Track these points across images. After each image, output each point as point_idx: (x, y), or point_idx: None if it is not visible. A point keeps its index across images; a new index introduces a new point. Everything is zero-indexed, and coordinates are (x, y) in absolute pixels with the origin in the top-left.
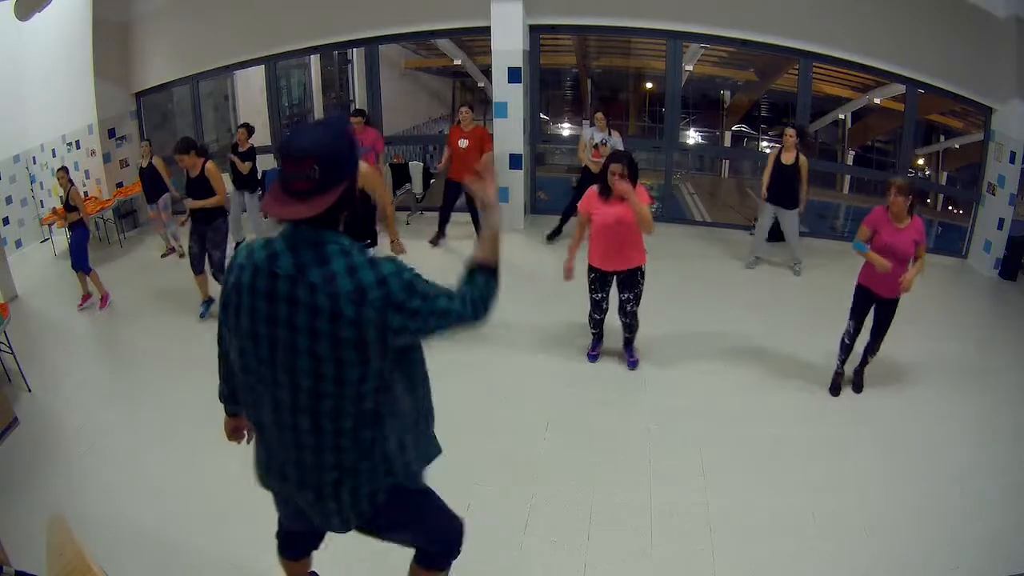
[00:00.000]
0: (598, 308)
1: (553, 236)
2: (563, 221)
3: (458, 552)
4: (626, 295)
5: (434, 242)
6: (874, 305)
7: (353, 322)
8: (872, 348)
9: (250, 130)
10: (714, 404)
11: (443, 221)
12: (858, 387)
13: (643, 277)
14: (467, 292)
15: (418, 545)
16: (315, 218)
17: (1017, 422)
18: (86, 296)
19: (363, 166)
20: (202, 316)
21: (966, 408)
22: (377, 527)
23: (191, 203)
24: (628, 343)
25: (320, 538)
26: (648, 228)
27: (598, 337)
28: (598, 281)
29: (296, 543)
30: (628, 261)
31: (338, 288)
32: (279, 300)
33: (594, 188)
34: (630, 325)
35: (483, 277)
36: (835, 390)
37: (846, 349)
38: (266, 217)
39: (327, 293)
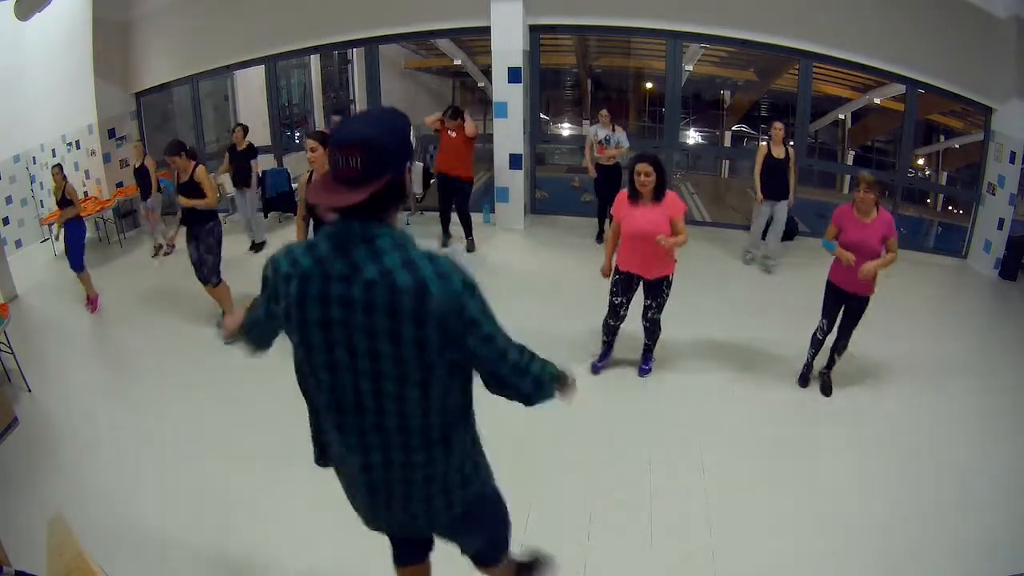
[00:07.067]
0: (614, 314)
1: (600, 238)
2: (600, 222)
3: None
4: (649, 302)
5: (444, 244)
6: (844, 303)
7: (414, 318)
8: (838, 347)
9: (245, 129)
10: (715, 404)
11: (445, 220)
12: (826, 389)
13: (669, 287)
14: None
15: (480, 549)
16: (363, 210)
17: (1017, 422)
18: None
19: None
20: (218, 324)
21: (966, 408)
22: (455, 531)
23: (182, 200)
24: (647, 350)
25: (432, 542)
26: (683, 243)
27: (608, 347)
28: (621, 284)
29: (408, 549)
30: (655, 270)
31: (396, 283)
32: (332, 303)
33: (624, 192)
34: (651, 331)
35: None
36: (803, 381)
37: (816, 344)
38: (311, 206)
39: (385, 288)
